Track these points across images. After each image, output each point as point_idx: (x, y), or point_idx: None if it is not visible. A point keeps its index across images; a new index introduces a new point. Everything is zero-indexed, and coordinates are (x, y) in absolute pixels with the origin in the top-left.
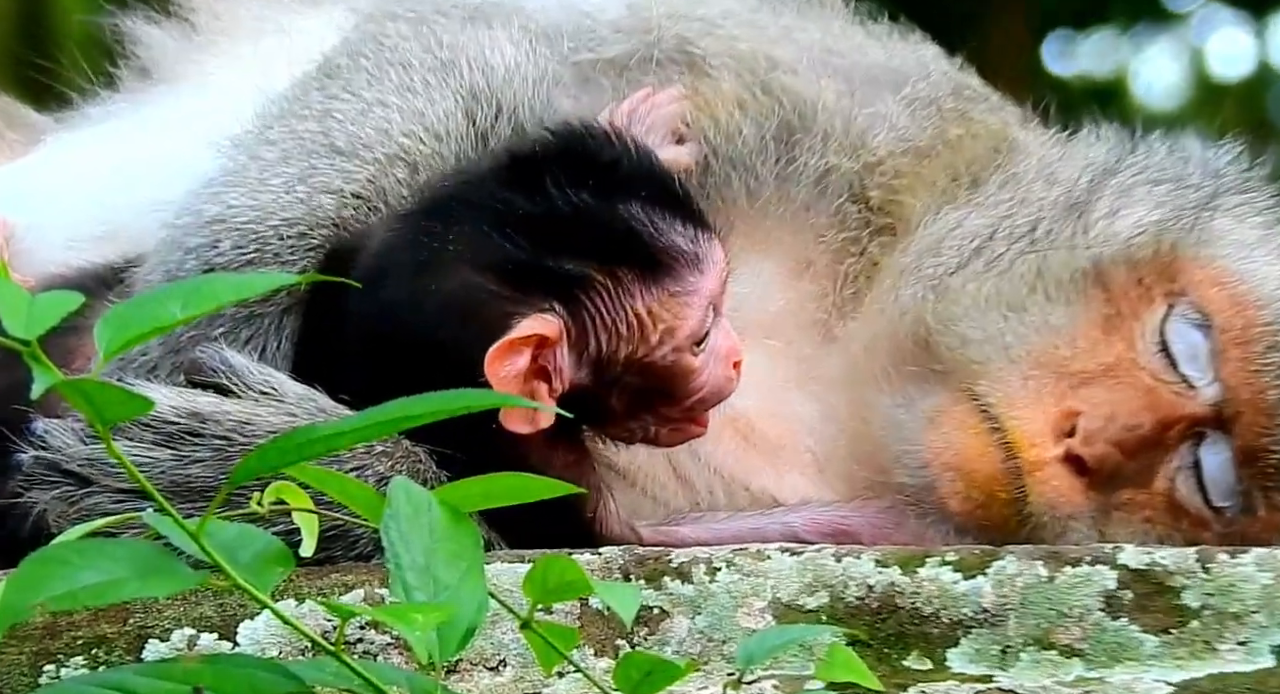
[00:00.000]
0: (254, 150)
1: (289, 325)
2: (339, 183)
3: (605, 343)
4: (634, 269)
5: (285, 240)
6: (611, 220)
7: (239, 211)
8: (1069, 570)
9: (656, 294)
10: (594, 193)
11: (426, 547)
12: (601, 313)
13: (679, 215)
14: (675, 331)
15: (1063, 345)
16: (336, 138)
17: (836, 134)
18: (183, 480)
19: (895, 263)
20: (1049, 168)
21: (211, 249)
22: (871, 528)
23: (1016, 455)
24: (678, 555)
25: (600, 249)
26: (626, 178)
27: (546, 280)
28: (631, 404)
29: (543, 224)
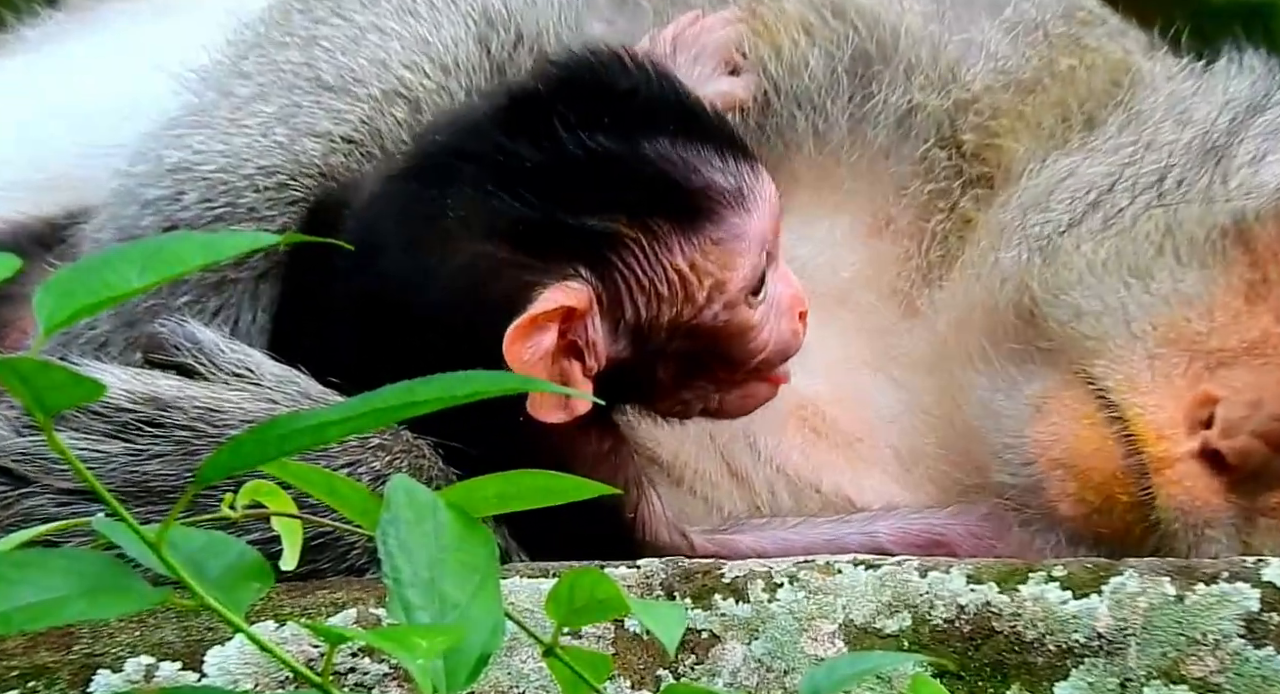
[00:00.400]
0: (225, 85)
1: (266, 293)
2: (326, 124)
3: (644, 307)
4: (668, 218)
5: (262, 192)
6: (635, 163)
7: (207, 158)
8: (1202, 588)
9: (698, 244)
10: (611, 132)
11: (431, 558)
12: (636, 273)
13: (715, 147)
14: (725, 285)
15: (1197, 318)
16: (324, 70)
17: (923, 66)
18: (139, 479)
19: (993, 219)
20: (1181, 105)
21: (173, 202)
22: (972, 539)
23: (1141, 450)
24: (731, 569)
25: (626, 199)
26: (647, 110)
27: (567, 242)
28: (683, 374)
29: (555, 175)
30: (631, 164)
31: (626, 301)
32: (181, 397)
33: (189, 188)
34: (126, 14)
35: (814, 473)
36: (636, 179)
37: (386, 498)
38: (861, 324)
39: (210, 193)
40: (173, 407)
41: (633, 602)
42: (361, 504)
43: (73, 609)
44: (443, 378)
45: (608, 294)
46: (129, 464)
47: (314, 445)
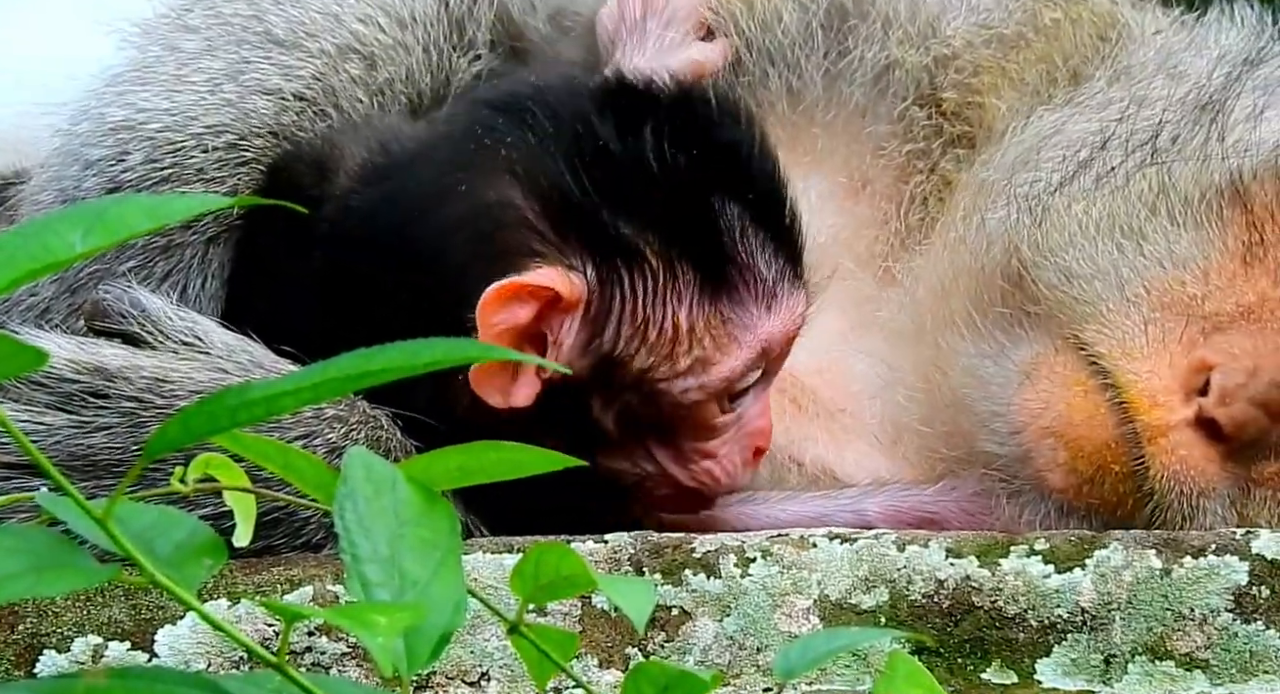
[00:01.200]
0: (170, 39)
1: (217, 257)
2: (277, 80)
3: (625, 340)
4: (696, 269)
5: (211, 152)
6: (699, 203)
7: (151, 116)
8: (1189, 562)
9: (708, 311)
10: (693, 166)
11: (391, 533)
12: (636, 301)
13: (777, 242)
14: (710, 366)
15: (1192, 281)
16: (274, 24)
17: (900, 20)
18: (85, 452)
19: (975, 180)
20: (1172, 59)
21: (117, 163)
22: (964, 516)
23: (1134, 418)
24: (702, 543)
25: (669, 228)
26: (741, 171)
27: (593, 234)
28: (624, 431)
29: (620, 169)
30: (696, 201)
31: (612, 324)
32: (127, 366)
33: (133, 148)
34: None
35: (794, 446)
36: (692, 216)
37: (343, 471)
38: (841, 290)
39: (156, 153)
40: (118, 377)
41: (600, 577)
42: (317, 478)
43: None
44: (401, 346)
45: (599, 304)
46: (73, 437)
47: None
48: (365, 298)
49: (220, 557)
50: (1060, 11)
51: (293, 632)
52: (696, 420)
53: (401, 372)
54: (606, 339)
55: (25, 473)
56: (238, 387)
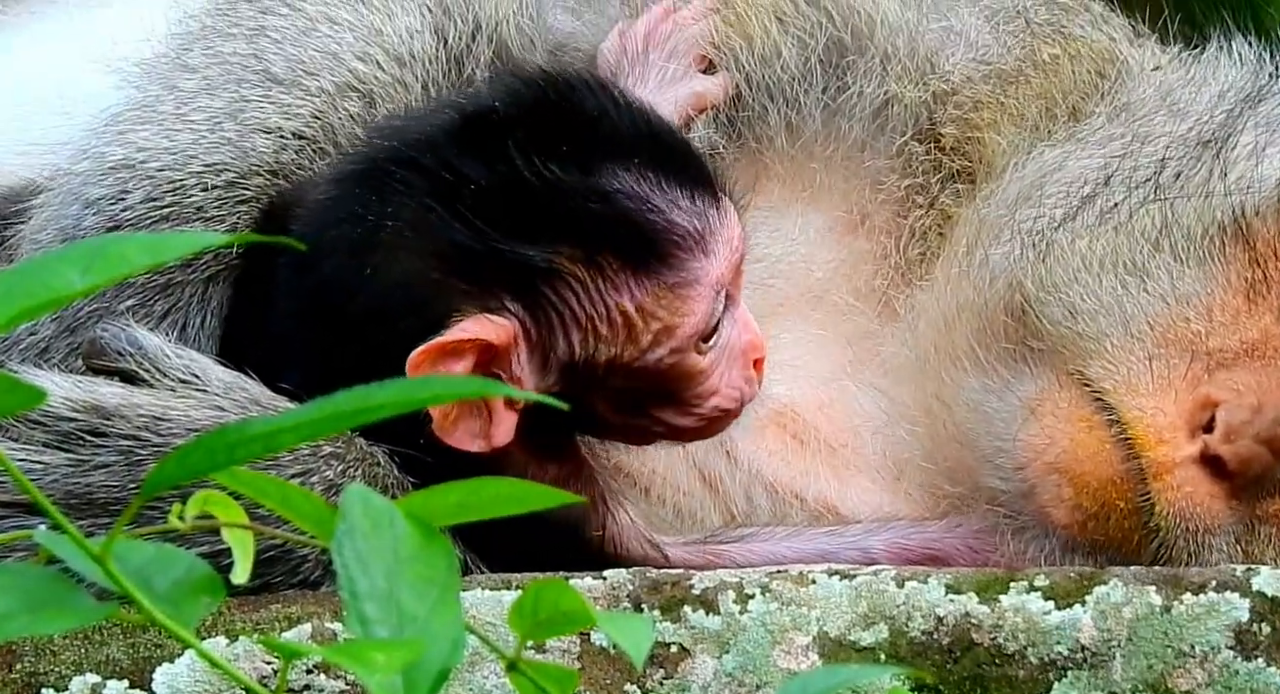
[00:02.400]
0: (169, 78)
1: (216, 296)
2: (276, 119)
3: (579, 345)
4: (620, 256)
5: (210, 191)
6: (591, 195)
7: (151, 155)
8: (1190, 598)
9: (649, 287)
10: (569, 160)
11: (389, 570)
12: (573, 309)
13: (681, 184)
14: (674, 331)
15: (1196, 317)
16: (273, 62)
17: (899, 55)
18: (81, 490)
19: (975, 215)
20: (1172, 96)
21: (117, 201)
22: (969, 553)
23: (1139, 454)
24: (701, 580)
25: (575, 233)
26: (611, 139)
27: (500, 271)
28: (623, 410)
29: (500, 199)
30: (587, 196)
31: (559, 337)
32: (125, 404)
33: (133, 186)
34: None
35: (796, 481)
36: (590, 212)
37: (342, 508)
38: (840, 325)
39: (156, 191)
40: (116, 415)
41: (599, 614)
42: (315, 515)
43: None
44: (398, 383)
45: (538, 328)
46: (71, 475)
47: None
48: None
49: (218, 594)
50: (1059, 48)
51: (291, 669)
52: (682, 375)
53: (398, 408)
54: (561, 352)
55: (23, 511)
56: (235, 424)
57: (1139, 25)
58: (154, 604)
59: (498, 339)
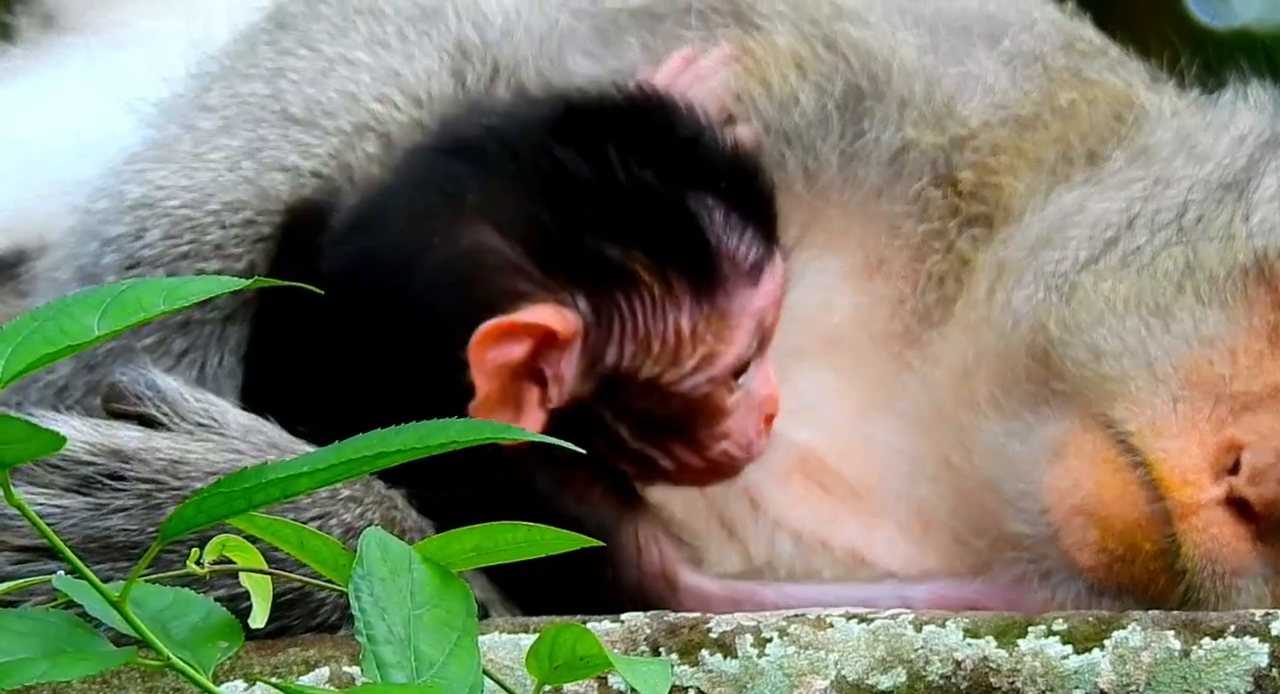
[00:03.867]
0: (188, 118)
1: (234, 335)
2: (294, 158)
3: (627, 357)
4: (688, 274)
5: (228, 229)
6: (674, 209)
7: (170, 193)
8: (1208, 643)
9: (704, 310)
10: (662, 172)
11: (406, 614)
12: (635, 320)
13: (753, 217)
14: (715, 359)
15: (1220, 360)
16: (291, 102)
17: (916, 101)
18: (100, 534)
19: (994, 259)
20: (1191, 139)
21: (136, 239)
22: (1008, 606)
23: (1164, 497)
24: (718, 623)
25: (652, 242)
26: (702, 162)
27: (580, 265)
28: (642, 435)
29: (593, 196)
30: (670, 209)
31: (613, 345)
32: (144, 448)
33: (152, 224)
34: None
35: (822, 528)
36: (670, 225)
37: (359, 552)
38: (859, 370)
39: (175, 230)
40: (134, 459)
41: (616, 658)
42: (333, 558)
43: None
44: (416, 427)
45: (598, 332)
46: (90, 519)
47: (282, 499)
48: (362, 356)
49: (236, 639)
50: (1076, 92)
51: None
52: (708, 409)
53: (416, 453)
54: (609, 360)
55: (41, 556)
56: (253, 468)
57: (1155, 70)
58: (171, 649)
59: (564, 331)
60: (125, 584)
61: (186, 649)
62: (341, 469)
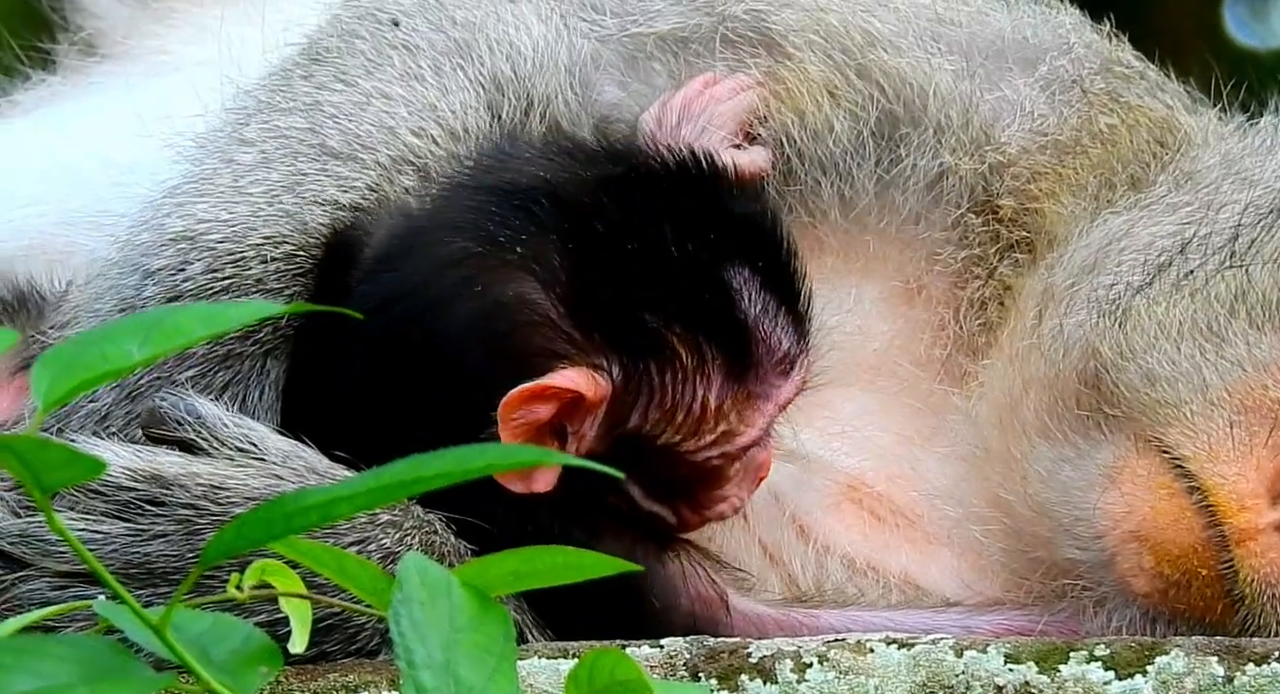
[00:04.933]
0: (226, 152)
1: (274, 369)
2: (333, 192)
3: (651, 424)
4: (725, 353)
5: (269, 263)
6: (721, 284)
7: (211, 227)
8: (1253, 669)
9: (733, 390)
10: (711, 248)
11: (445, 639)
12: (665, 390)
13: (793, 308)
14: (734, 437)
15: (1275, 384)
16: (329, 136)
17: (954, 127)
18: (140, 560)
19: (1039, 285)
20: (1237, 163)
21: (178, 272)
22: (1069, 635)
23: (1221, 522)
24: (759, 648)
25: (697, 317)
26: (752, 243)
27: (618, 330)
28: (651, 495)
29: (640, 262)
30: (717, 288)
31: (638, 411)
32: (184, 474)
33: (194, 258)
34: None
35: (875, 555)
36: (715, 304)
37: (398, 577)
38: (902, 395)
39: (216, 263)
40: (175, 484)
41: (655, 683)
42: (372, 583)
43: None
44: (453, 452)
45: (625, 397)
46: (130, 544)
47: (322, 523)
48: (392, 388)
49: (276, 663)
50: (1117, 118)
51: None
52: (713, 475)
53: (452, 478)
54: (632, 424)
55: (82, 581)
56: (293, 493)
57: (1194, 92)
58: (211, 674)
59: (593, 396)
60: (166, 609)
61: (226, 674)
62: (380, 494)
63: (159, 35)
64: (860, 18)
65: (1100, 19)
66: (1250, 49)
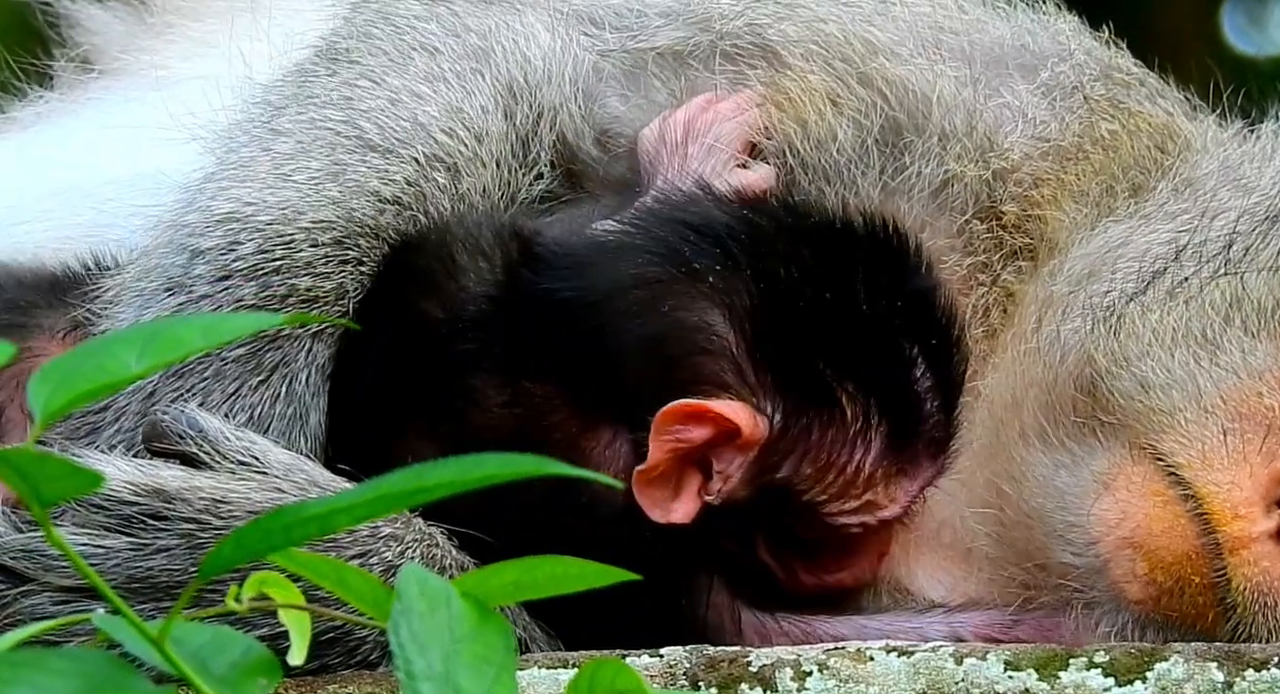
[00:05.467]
0: (262, 141)
1: (321, 353)
2: (375, 183)
3: (800, 478)
4: (889, 420)
5: (319, 247)
6: (898, 352)
7: (260, 208)
8: (1252, 675)
9: (889, 464)
10: (897, 313)
11: (445, 650)
12: (822, 446)
13: (950, 392)
14: (877, 509)
15: (1269, 391)
16: (366, 129)
17: (957, 134)
18: (143, 574)
19: (1041, 291)
20: (1236, 170)
21: (228, 252)
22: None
23: (1215, 529)
24: (758, 657)
25: (868, 375)
26: (930, 319)
27: (790, 377)
28: (776, 551)
29: (827, 319)
30: (894, 355)
31: (790, 462)
32: (186, 488)
33: (244, 238)
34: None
35: None
36: (889, 366)
37: (398, 588)
38: None
39: (267, 244)
40: (177, 498)
41: (655, 692)
42: (372, 596)
43: None
44: (455, 461)
45: (781, 446)
46: (133, 559)
47: (321, 534)
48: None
49: (275, 676)
50: (1118, 124)
51: None
52: (844, 545)
53: (453, 488)
54: (780, 476)
55: (84, 596)
56: (292, 505)
57: (1193, 98)
58: (211, 687)
59: (749, 434)
60: (165, 622)
61: (226, 686)
62: (380, 504)
63: (156, 51)
64: (860, 27)
65: (1099, 26)
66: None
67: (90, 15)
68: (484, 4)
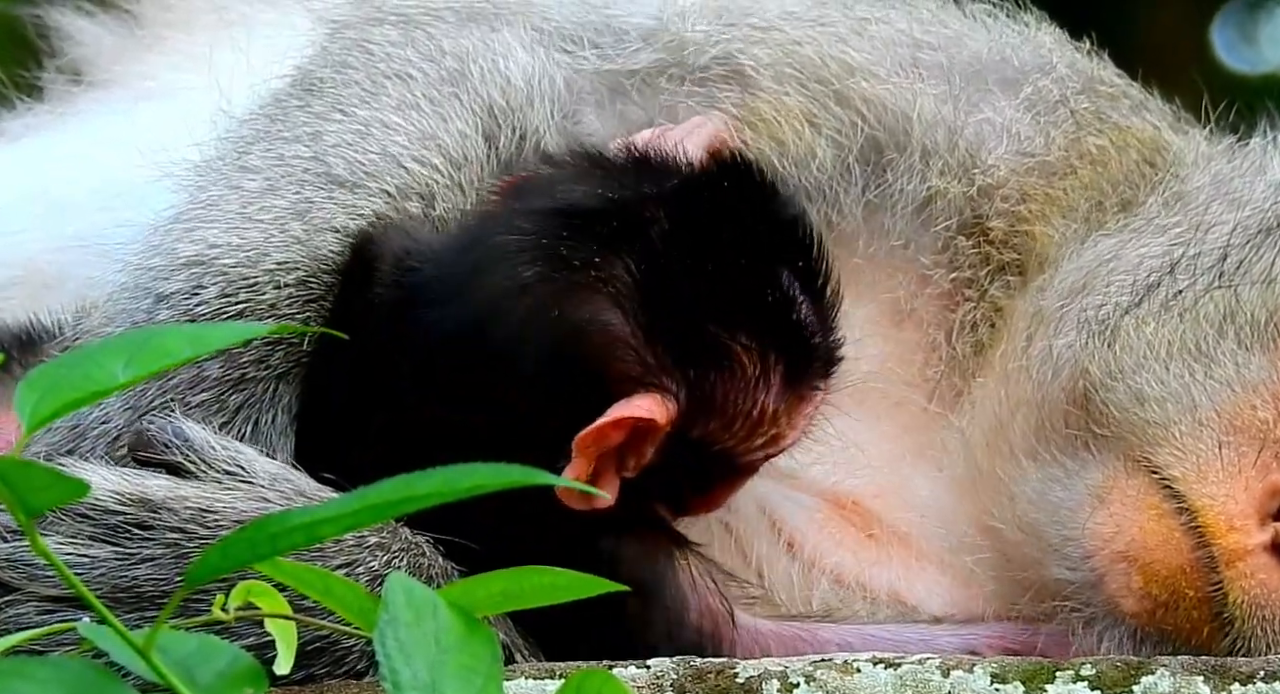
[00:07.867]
0: (231, 179)
1: (286, 394)
2: (342, 219)
3: (710, 432)
4: (784, 356)
5: (282, 289)
6: (778, 287)
7: (224, 251)
8: (1239, 689)
9: (789, 394)
10: (775, 261)
11: (432, 660)
12: (727, 400)
13: (829, 309)
14: (780, 441)
15: (1263, 404)
16: (334, 164)
17: (940, 151)
18: (128, 583)
19: (1031, 306)
20: (1226, 184)
21: (192, 296)
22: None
23: (1210, 543)
24: (745, 668)
25: (759, 324)
26: (810, 264)
27: (687, 347)
28: (696, 490)
29: (708, 279)
30: (774, 293)
31: (699, 424)
32: (172, 497)
33: (208, 282)
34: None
35: (864, 572)
36: (774, 309)
37: (384, 597)
38: (893, 415)
39: (230, 288)
40: (163, 508)
41: None
42: (359, 605)
43: None
44: (442, 471)
45: (689, 414)
46: (118, 568)
47: (307, 544)
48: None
49: (261, 685)
50: (1106, 139)
51: None
52: (744, 476)
53: (441, 497)
54: (691, 435)
55: (69, 606)
56: (278, 514)
57: (1179, 111)
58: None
59: (661, 421)
60: (150, 631)
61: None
62: (366, 514)
63: (146, 62)
64: (836, 48)
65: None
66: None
67: (81, 28)
68: (459, 24)
